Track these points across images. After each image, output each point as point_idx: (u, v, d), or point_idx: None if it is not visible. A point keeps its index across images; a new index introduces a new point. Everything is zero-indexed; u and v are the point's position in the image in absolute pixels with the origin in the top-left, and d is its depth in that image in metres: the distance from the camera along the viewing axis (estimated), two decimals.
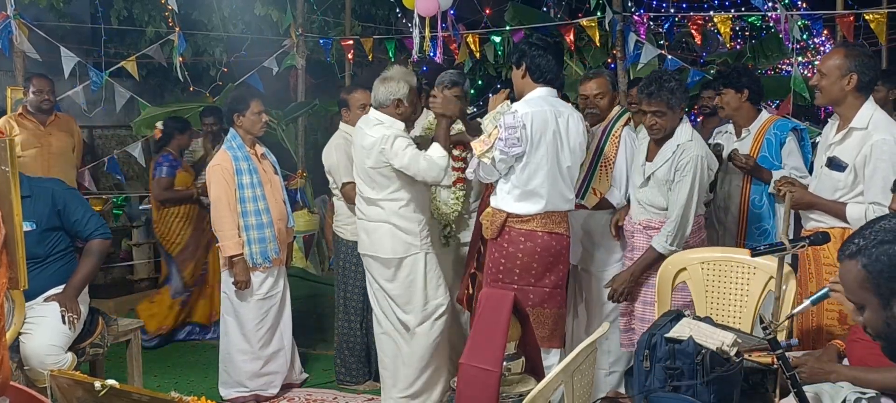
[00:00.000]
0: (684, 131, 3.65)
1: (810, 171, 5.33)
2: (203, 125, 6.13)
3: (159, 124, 5.84)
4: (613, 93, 4.20)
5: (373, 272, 4.00)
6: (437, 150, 3.82)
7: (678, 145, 3.61)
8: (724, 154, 4.14)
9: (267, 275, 4.32)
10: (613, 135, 4.05)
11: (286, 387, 4.52)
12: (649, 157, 3.74)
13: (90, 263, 3.66)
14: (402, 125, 3.88)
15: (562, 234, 3.64)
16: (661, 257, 3.60)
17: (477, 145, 3.74)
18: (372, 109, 3.94)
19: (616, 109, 4.17)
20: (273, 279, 4.36)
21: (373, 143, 3.81)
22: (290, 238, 4.63)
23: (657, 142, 3.71)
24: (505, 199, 3.68)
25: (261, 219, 4.23)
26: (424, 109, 4.41)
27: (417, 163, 3.76)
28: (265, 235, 4.24)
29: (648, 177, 3.70)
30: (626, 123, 4.12)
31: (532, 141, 3.53)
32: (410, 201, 3.88)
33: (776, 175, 3.93)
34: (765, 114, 4.14)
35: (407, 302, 3.93)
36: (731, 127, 4.23)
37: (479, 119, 4.32)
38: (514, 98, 4.04)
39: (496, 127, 3.64)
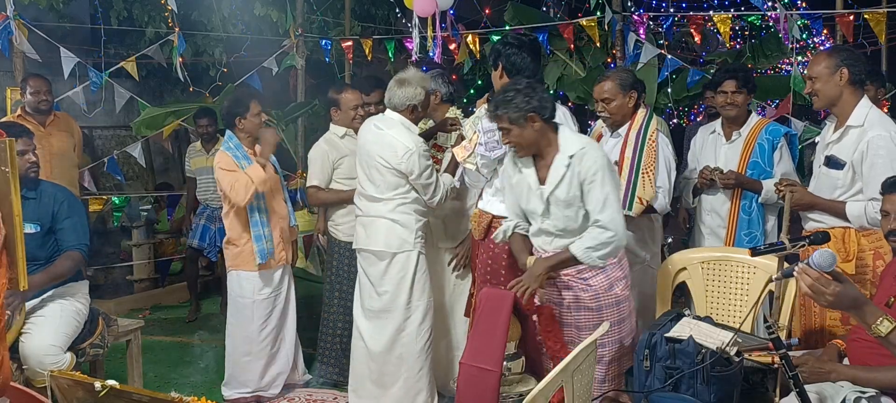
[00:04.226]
0: (570, 141, 3.16)
1: (803, 174, 5.31)
2: (198, 127, 6.17)
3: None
4: (628, 95, 3.87)
5: (365, 268, 3.99)
6: (448, 178, 3.97)
7: (570, 157, 3.11)
8: (714, 158, 4.04)
9: (271, 274, 4.32)
10: (649, 140, 3.80)
11: (288, 387, 4.51)
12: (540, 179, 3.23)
13: (64, 265, 3.63)
14: (422, 141, 3.89)
15: None
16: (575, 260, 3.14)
17: (458, 151, 3.74)
18: (389, 110, 3.91)
19: (642, 113, 3.91)
20: (277, 278, 4.35)
21: (402, 149, 3.77)
22: (295, 236, 4.63)
23: (536, 159, 3.22)
24: (489, 201, 3.71)
25: (261, 219, 4.23)
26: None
27: (440, 186, 3.88)
28: (264, 234, 4.24)
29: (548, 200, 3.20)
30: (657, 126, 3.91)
31: None
32: (416, 199, 3.89)
33: (766, 185, 3.83)
34: (754, 117, 4.06)
35: (393, 301, 3.91)
36: (718, 127, 4.13)
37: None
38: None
39: (476, 131, 3.63)
